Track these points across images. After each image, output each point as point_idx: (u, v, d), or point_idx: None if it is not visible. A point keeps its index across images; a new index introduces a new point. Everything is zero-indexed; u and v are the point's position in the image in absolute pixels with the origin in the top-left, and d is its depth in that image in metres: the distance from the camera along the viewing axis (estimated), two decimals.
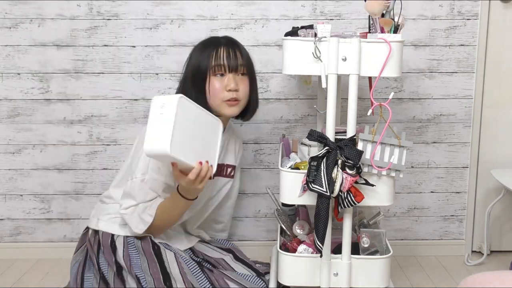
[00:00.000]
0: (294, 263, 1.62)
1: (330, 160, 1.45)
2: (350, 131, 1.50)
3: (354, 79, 1.47)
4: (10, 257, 2.28)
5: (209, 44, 1.74)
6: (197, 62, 1.71)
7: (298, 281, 1.62)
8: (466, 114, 2.22)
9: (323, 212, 1.45)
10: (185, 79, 1.75)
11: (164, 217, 1.68)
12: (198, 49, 1.75)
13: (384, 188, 1.54)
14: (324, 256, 1.57)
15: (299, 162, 1.67)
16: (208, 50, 1.71)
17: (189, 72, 1.73)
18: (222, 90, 1.69)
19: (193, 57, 1.75)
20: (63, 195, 2.27)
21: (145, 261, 1.65)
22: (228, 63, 1.69)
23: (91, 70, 2.17)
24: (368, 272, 1.60)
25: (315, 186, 1.44)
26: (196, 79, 1.70)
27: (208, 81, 1.69)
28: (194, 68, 1.71)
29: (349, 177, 1.45)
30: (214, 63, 1.68)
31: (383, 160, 1.51)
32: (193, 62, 1.73)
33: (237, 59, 1.71)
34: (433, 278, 2.11)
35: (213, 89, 1.69)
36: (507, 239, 2.32)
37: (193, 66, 1.72)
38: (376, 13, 1.50)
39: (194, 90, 1.70)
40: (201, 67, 1.69)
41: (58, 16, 2.13)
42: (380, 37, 1.46)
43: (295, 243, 1.71)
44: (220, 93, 1.69)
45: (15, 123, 2.21)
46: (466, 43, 2.17)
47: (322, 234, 1.47)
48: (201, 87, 1.70)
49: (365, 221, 1.77)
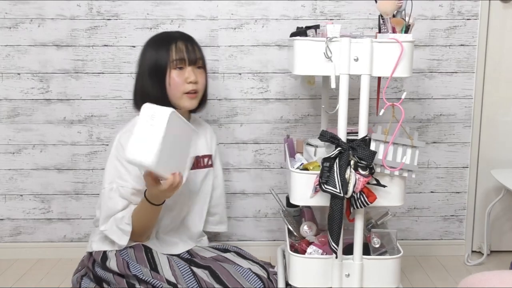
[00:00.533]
0: (305, 264, 1.61)
1: (343, 161, 1.44)
2: (362, 131, 1.50)
3: (366, 79, 1.47)
4: (10, 257, 2.28)
5: (164, 39, 1.76)
6: (155, 57, 1.73)
7: (309, 283, 1.61)
8: (466, 114, 2.22)
9: (337, 213, 1.45)
10: (142, 75, 1.77)
11: (140, 223, 1.69)
12: (152, 45, 1.78)
13: (395, 189, 1.54)
14: (337, 257, 1.57)
15: (307, 163, 1.67)
16: (164, 45, 1.74)
17: (145, 68, 1.75)
18: (183, 83, 1.73)
19: (147, 53, 1.77)
20: (63, 195, 2.27)
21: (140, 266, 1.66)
22: (188, 56, 1.74)
23: (91, 70, 2.17)
24: (379, 273, 1.60)
25: (328, 187, 1.43)
26: (155, 74, 1.73)
27: (169, 75, 1.72)
28: (152, 63, 1.73)
29: (362, 178, 1.45)
30: (175, 57, 1.72)
31: (395, 161, 1.50)
32: (149, 58, 1.75)
33: (195, 53, 1.76)
34: (433, 278, 2.11)
35: (174, 82, 1.72)
36: (507, 239, 2.32)
37: (150, 61, 1.74)
38: (388, 13, 1.50)
39: (153, 85, 1.74)
40: (160, 61, 1.72)
41: (58, 16, 2.13)
42: (391, 37, 1.46)
43: (304, 244, 1.71)
44: (181, 85, 1.73)
45: (15, 123, 2.21)
46: (466, 43, 2.17)
47: (337, 235, 1.46)
48: (160, 81, 1.73)
49: (373, 221, 1.76)
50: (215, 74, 2.18)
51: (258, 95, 2.19)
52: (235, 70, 2.17)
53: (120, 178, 1.69)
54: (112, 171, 1.70)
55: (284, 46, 2.15)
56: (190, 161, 1.69)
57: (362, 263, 1.59)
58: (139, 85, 1.79)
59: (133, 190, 1.69)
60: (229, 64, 2.17)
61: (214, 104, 2.19)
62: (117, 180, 1.69)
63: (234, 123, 2.21)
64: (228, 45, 2.15)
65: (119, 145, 1.70)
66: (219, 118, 2.21)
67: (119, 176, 1.69)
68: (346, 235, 1.61)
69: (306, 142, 1.75)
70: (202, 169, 1.89)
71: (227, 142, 2.23)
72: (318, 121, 2.20)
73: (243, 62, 2.17)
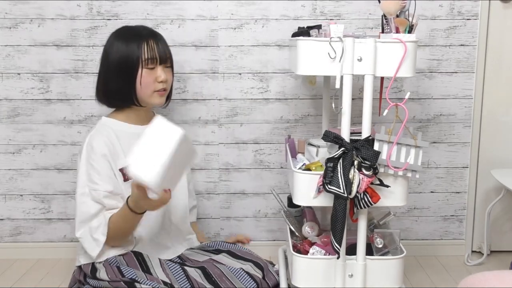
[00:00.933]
0: (308, 265, 1.60)
1: (346, 161, 1.44)
2: (365, 131, 1.50)
3: (369, 79, 1.47)
4: (10, 257, 2.28)
5: (134, 35, 1.74)
6: (124, 53, 1.70)
7: (312, 283, 1.61)
8: (466, 114, 2.22)
9: (340, 214, 1.45)
10: (107, 70, 1.74)
11: (119, 230, 1.66)
12: (120, 39, 1.73)
13: (399, 189, 1.55)
14: (340, 257, 1.57)
15: (309, 163, 1.67)
16: (135, 41, 1.71)
17: (112, 63, 1.72)
18: (153, 82, 1.73)
19: (114, 47, 1.73)
20: (63, 195, 2.27)
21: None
22: (160, 56, 1.73)
23: (91, 70, 2.17)
24: (383, 273, 1.60)
25: (332, 188, 1.43)
26: (124, 71, 1.71)
27: (140, 74, 1.71)
28: (121, 60, 1.71)
29: (366, 178, 1.45)
30: (147, 56, 1.71)
31: (399, 161, 1.51)
32: (117, 53, 1.71)
33: (165, 52, 1.77)
34: (433, 278, 2.11)
35: (145, 81, 1.71)
36: (507, 239, 2.32)
37: (119, 57, 1.71)
38: (392, 13, 1.50)
39: (121, 82, 1.72)
40: (131, 59, 1.70)
41: (58, 16, 2.13)
42: (395, 37, 1.46)
43: (306, 245, 1.71)
44: (152, 84, 1.73)
45: (15, 123, 2.21)
46: (466, 43, 2.17)
47: (340, 235, 1.46)
48: (130, 79, 1.71)
49: (375, 222, 1.76)
50: (215, 74, 2.18)
51: (258, 95, 2.19)
52: (235, 70, 2.17)
53: (91, 181, 1.67)
54: (83, 175, 1.68)
55: (284, 46, 2.15)
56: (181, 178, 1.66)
57: (365, 263, 1.59)
58: (103, 80, 1.77)
59: (105, 193, 1.66)
60: (229, 64, 2.17)
61: (214, 104, 2.19)
62: (89, 183, 1.67)
63: (234, 123, 2.21)
64: (228, 45, 2.15)
65: (90, 147, 1.69)
66: (219, 118, 2.21)
67: (90, 179, 1.67)
68: (349, 236, 1.61)
69: (308, 142, 1.75)
70: None
71: (227, 142, 2.23)
72: (318, 121, 2.20)
73: (243, 62, 2.17)
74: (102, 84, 1.78)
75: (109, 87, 1.75)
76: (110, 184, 1.67)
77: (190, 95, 2.19)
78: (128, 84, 1.72)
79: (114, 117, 1.80)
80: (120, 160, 1.71)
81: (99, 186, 1.66)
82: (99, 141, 1.70)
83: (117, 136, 1.74)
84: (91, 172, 1.67)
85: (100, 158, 1.68)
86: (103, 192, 1.66)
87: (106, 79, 1.76)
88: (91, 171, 1.67)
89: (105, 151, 1.69)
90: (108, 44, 1.76)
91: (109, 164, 1.69)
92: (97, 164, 1.67)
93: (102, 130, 1.74)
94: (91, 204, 1.66)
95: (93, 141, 1.70)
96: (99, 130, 1.74)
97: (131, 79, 1.71)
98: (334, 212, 1.46)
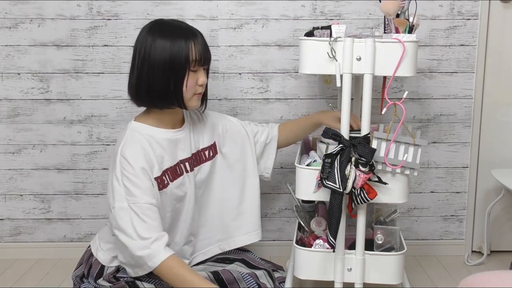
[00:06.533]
0: (309, 257, 1.65)
1: (343, 157, 1.47)
2: (364, 129, 1.52)
3: (368, 78, 1.49)
4: (10, 257, 2.28)
5: (181, 32, 1.57)
6: (171, 52, 1.53)
7: (312, 275, 1.66)
8: (466, 114, 2.22)
9: (336, 208, 1.48)
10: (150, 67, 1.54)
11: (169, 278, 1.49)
12: (164, 35, 1.55)
13: (398, 186, 1.56)
14: (338, 251, 1.60)
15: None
16: (182, 39, 1.54)
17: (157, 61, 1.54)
18: (195, 85, 1.59)
19: (158, 43, 1.54)
20: (63, 195, 2.27)
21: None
22: (205, 58, 1.59)
23: (91, 70, 2.17)
24: (381, 268, 1.62)
25: (329, 183, 1.47)
26: (172, 71, 1.54)
27: (187, 76, 1.56)
28: (168, 58, 1.53)
29: (362, 174, 1.47)
30: (196, 57, 1.55)
31: (397, 158, 1.53)
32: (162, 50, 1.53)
33: (209, 53, 1.62)
34: (433, 278, 2.11)
35: (190, 83, 1.57)
36: (507, 239, 2.32)
37: (164, 55, 1.53)
38: (391, 14, 1.52)
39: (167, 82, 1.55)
40: (179, 58, 1.53)
41: (58, 16, 2.13)
42: (394, 37, 1.47)
43: (311, 239, 1.75)
44: (193, 87, 1.58)
45: (15, 123, 2.21)
46: (466, 43, 2.17)
47: (335, 229, 1.49)
48: (177, 80, 1.55)
49: (381, 219, 1.79)
50: (215, 74, 2.18)
51: (258, 95, 2.19)
52: (235, 70, 2.17)
53: (131, 195, 1.50)
54: (120, 189, 1.51)
55: (284, 46, 2.15)
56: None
57: (364, 258, 1.61)
58: (145, 78, 1.56)
59: (146, 204, 1.50)
60: (229, 64, 2.17)
61: (214, 104, 2.19)
62: (127, 197, 1.50)
63: None
64: (228, 45, 2.16)
65: (124, 160, 1.52)
66: None
67: (128, 193, 1.50)
68: (354, 231, 1.63)
69: (319, 140, 1.78)
70: (205, 163, 1.76)
71: None
72: None
73: (243, 62, 2.17)
74: (142, 81, 1.57)
75: (153, 85, 1.56)
76: (151, 197, 1.52)
77: None
78: (175, 84, 1.55)
79: (144, 121, 1.63)
80: (155, 169, 1.57)
81: (139, 199, 1.49)
82: (134, 152, 1.54)
83: (149, 143, 1.58)
84: (128, 185, 1.50)
85: (138, 172, 1.52)
86: (144, 204, 1.49)
87: (148, 76, 1.55)
88: (128, 184, 1.50)
89: (142, 163, 1.53)
90: (146, 40, 1.56)
91: (148, 175, 1.54)
92: (135, 178, 1.51)
93: (134, 138, 1.57)
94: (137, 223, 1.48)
95: (126, 152, 1.53)
96: (130, 139, 1.57)
97: (178, 79, 1.55)
98: (330, 207, 1.49)
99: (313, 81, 2.18)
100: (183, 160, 1.66)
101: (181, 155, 1.66)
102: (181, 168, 1.65)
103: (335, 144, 1.55)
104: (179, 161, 1.64)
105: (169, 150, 1.62)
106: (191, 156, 1.69)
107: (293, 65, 2.17)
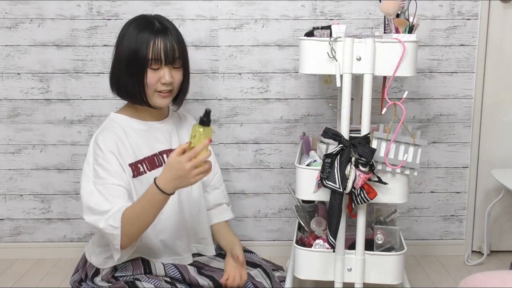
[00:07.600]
0: (309, 257, 1.65)
1: (343, 157, 1.47)
2: (364, 129, 1.52)
3: (368, 78, 1.49)
4: (10, 257, 2.28)
5: (145, 29, 1.59)
6: (133, 49, 1.57)
7: (312, 275, 1.66)
8: (466, 114, 2.22)
9: (336, 208, 1.48)
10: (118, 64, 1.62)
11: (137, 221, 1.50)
12: (132, 31, 1.60)
13: (398, 185, 1.57)
14: (338, 251, 1.60)
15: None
16: (144, 36, 1.57)
17: (123, 58, 1.59)
18: (156, 82, 1.59)
19: (126, 39, 1.60)
20: (63, 195, 2.27)
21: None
22: (165, 57, 1.58)
23: (91, 70, 2.17)
24: (381, 268, 1.62)
25: (329, 183, 1.47)
26: (134, 69, 1.58)
27: (146, 72, 1.57)
28: (131, 56, 1.57)
29: (362, 174, 1.47)
30: (152, 56, 1.56)
31: (397, 158, 1.53)
32: (127, 47, 1.58)
33: (174, 53, 1.60)
34: (433, 278, 2.11)
35: (149, 81, 1.58)
36: (507, 239, 2.32)
37: (129, 52, 1.58)
38: (391, 14, 1.52)
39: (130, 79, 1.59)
40: (138, 57, 1.56)
41: (58, 16, 2.13)
42: (394, 37, 1.47)
43: (311, 239, 1.75)
44: (154, 85, 1.59)
45: (15, 123, 2.21)
46: (466, 43, 2.17)
47: (335, 229, 1.49)
48: (138, 77, 1.58)
49: (381, 219, 1.79)
50: (215, 74, 2.18)
51: (258, 95, 2.19)
52: (235, 70, 2.17)
53: (98, 177, 1.55)
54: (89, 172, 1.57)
55: (284, 46, 2.15)
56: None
57: (364, 258, 1.61)
58: (116, 73, 1.63)
59: (113, 186, 1.54)
60: (229, 64, 2.17)
61: (214, 104, 2.19)
62: (95, 179, 1.55)
63: (234, 123, 2.21)
64: (228, 45, 2.16)
65: (95, 144, 1.59)
66: (219, 118, 2.21)
67: (96, 175, 1.55)
68: (355, 231, 1.63)
69: (319, 140, 1.78)
70: None
71: (227, 142, 2.23)
72: (318, 121, 2.20)
73: (243, 62, 2.17)
74: (115, 77, 1.65)
75: (120, 82, 1.62)
76: (118, 179, 1.56)
77: (190, 95, 2.18)
78: (137, 82, 1.59)
79: (124, 113, 1.68)
80: (129, 156, 1.61)
81: (106, 180, 1.54)
82: (105, 137, 1.60)
83: (125, 131, 1.63)
84: (97, 168, 1.56)
85: (108, 156, 1.57)
86: (111, 185, 1.53)
87: (117, 72, 1.63)
88: (97, 167, 1.56)
89: (112, 147, 1.58)
90: (122, 33, 1.63)
91: (117, 160, 1.58)
92: (104, 161, 1.56)
93: (109, 127, 1.64)
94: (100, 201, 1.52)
95: (98, 138, 1.60)
96: (106, 127, 1.65)
97: (139, 77, 1.58)
98: (330, 206, 1.50)
99: (313, 81, 2.18)
100: (161, 151, 1.67)
101: (159, 147, 1.67)
102: (159, 159, 1.66)
103: (335, 144, 1.55)
104: (157, 152, 1.66)
105: (146, 138, 1.65)
106: (170, 149, 1.68)
107: (293, 65, 2.17)
